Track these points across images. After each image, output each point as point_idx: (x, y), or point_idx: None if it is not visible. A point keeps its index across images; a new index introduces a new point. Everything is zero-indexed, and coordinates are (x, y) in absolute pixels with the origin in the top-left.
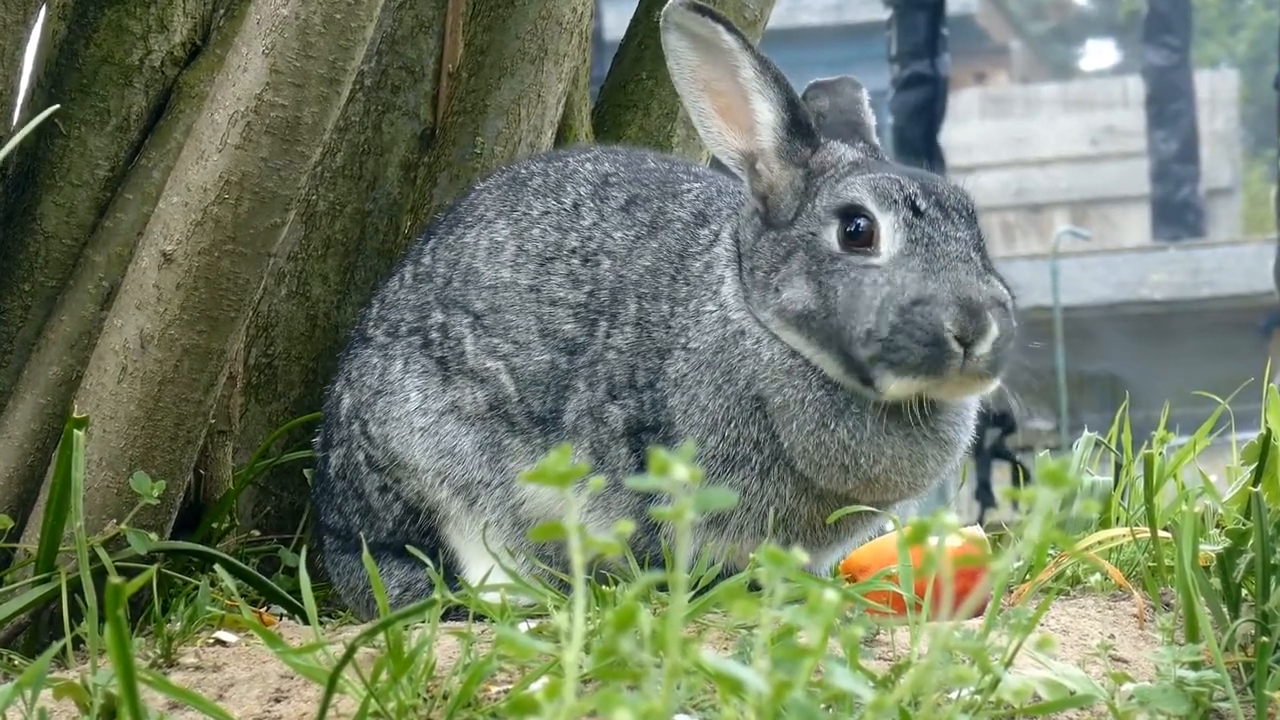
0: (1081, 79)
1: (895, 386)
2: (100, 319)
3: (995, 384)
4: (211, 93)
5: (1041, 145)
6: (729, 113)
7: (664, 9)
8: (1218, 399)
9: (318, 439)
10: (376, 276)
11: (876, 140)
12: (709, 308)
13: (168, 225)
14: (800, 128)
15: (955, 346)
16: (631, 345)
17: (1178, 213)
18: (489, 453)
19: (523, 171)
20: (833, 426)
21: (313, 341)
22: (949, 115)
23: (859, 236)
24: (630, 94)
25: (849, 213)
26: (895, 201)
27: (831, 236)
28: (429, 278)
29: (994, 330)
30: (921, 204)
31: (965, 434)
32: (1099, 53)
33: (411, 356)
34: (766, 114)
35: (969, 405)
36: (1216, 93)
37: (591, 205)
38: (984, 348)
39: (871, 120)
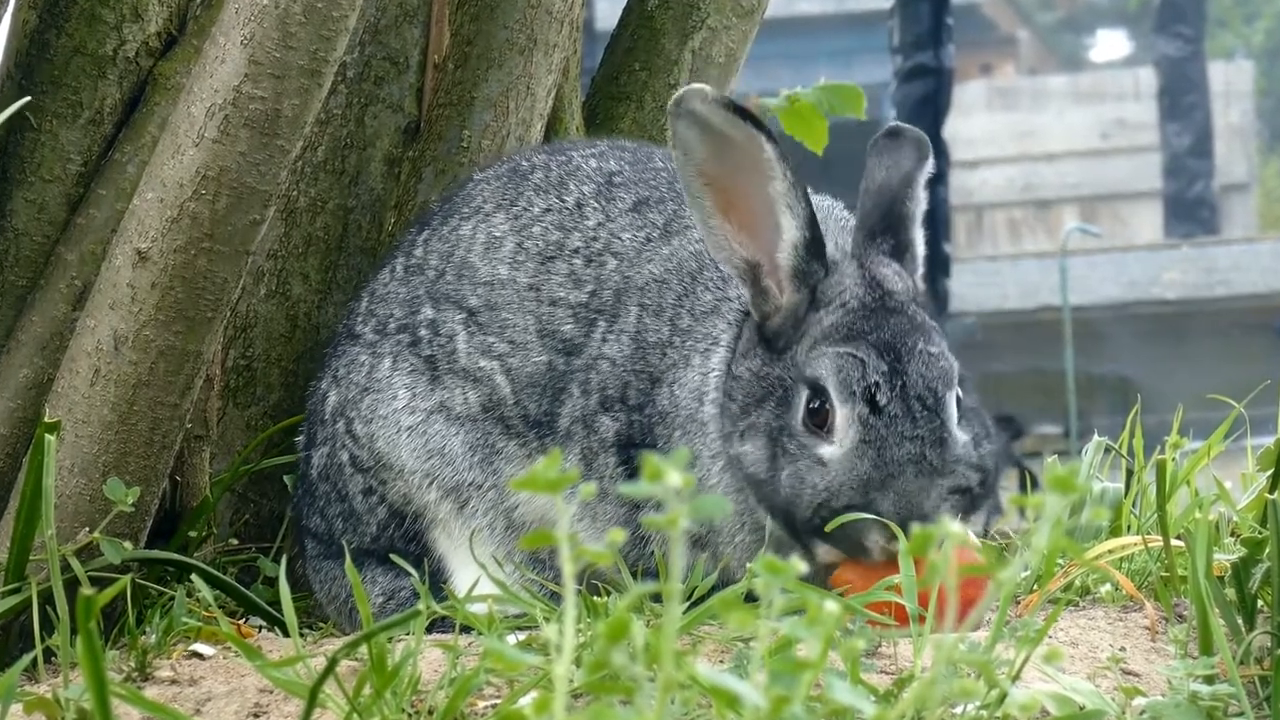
0: (1091, 70)
1: (824, 552)
2: (72, 319)
3: None
4: (188, 84)
5: (1050, 139)
6: (738, 215)
7: (679, 94)
8: (1232, 403)
9: (300, 438)
10: (359, 275)
11: (917, 235)
12: (695, 362)
13: (142, 222)
14: (817, 247)
15: (881, 549)
16: (626, 358)
17: (1191, 209)
18: (481, 454)
19: (524, 164)
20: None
21: (293, 343)
22: (954, 108)
23: (817, 415)
24: (623, 86)
25: (814, 388)
26: (854, 394)
27: (800, 403)
28: (420, 270)
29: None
30: (881, 398)
31: None
32: (1110, 43)
33: (400, 355)
34: (791, 231)
35: None
36: (1231, 85)
37: (596, 205)
38: None
39: (919, 209)
